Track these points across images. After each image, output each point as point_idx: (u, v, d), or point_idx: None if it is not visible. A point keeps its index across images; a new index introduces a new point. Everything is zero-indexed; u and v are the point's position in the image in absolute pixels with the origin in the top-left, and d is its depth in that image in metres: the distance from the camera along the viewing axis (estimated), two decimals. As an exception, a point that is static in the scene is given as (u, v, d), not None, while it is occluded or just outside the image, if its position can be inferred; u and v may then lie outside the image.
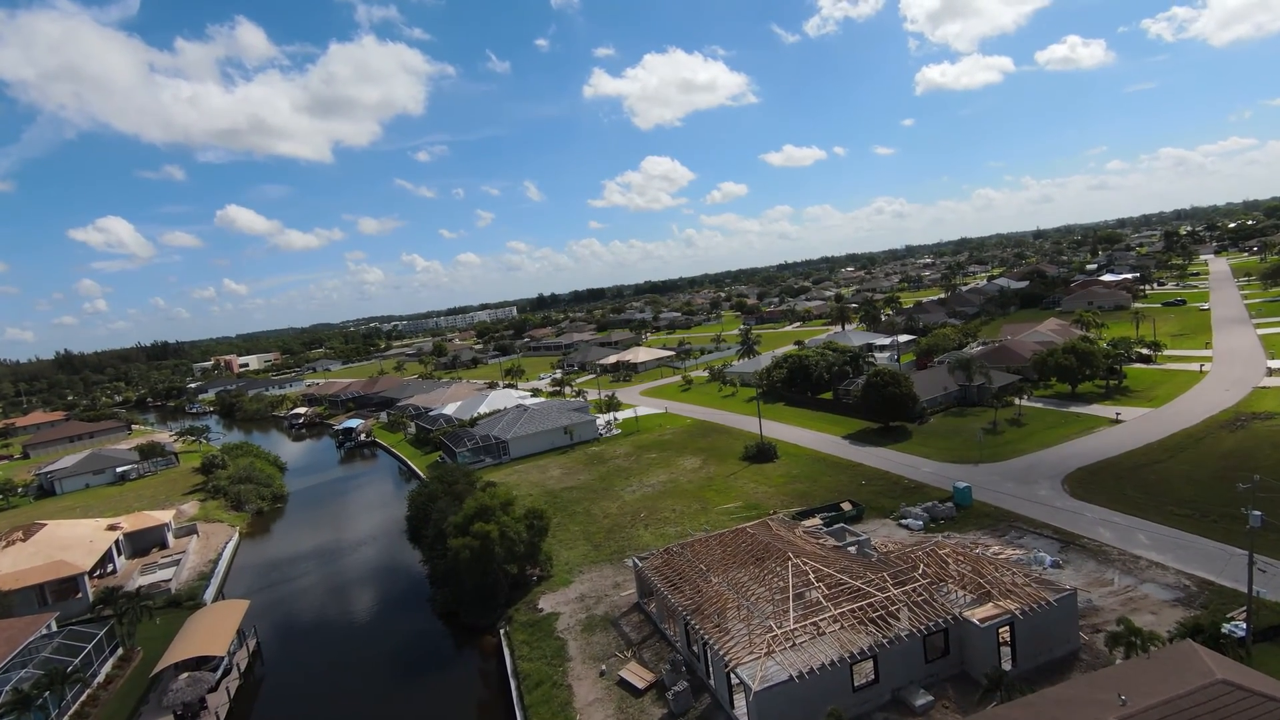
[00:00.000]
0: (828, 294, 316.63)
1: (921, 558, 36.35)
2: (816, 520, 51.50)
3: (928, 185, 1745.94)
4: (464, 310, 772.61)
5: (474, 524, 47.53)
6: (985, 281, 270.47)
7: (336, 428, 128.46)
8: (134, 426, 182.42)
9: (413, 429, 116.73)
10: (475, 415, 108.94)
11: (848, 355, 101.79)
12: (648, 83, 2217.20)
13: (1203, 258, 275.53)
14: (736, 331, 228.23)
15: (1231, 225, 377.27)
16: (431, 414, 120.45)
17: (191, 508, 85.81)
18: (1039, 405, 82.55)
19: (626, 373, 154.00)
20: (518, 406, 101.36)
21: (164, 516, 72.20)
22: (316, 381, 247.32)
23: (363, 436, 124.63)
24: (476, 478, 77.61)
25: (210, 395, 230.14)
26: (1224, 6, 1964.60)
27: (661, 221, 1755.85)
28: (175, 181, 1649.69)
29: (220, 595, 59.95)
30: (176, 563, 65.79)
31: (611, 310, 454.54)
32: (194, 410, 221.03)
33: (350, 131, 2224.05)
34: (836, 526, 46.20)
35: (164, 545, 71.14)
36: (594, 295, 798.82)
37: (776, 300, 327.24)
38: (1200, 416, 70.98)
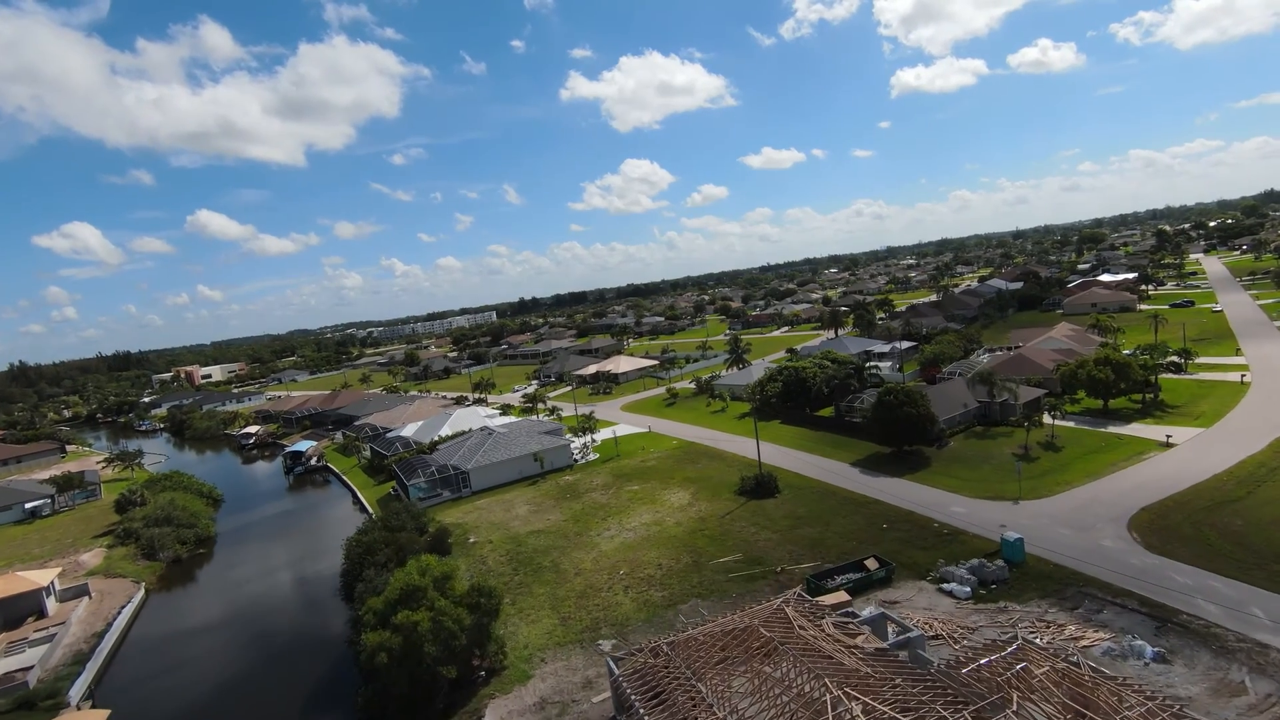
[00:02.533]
0: (814, 296, 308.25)
1: (1011, 682, 25.79)
2: (841, 595, 40.85)
3: (906, 187, 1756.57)
4: (443, 315, 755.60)
5: (398, 612, 36.22)
6: (976, 283, 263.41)
7: (285, 450, 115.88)
8: (70, 448, 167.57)
9: (368, 453, 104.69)
10: (436, 439, 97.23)
11: (849, 367, 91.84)
12: (625, 85, 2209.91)
13: (1193, 256, 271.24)
14: (723, 337, 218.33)
15: (1215, 224, 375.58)
16: (389, 436, 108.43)
17: (94, 557, 73.20)
18: (1070, 424, 72.91)
19: (607, 385, 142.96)
20: (483, 429, 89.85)
21: (42, 578, 59.68)
22: (279, 394, 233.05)
23: (313, 461, 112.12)
24: (428, 519, 66.47)
25: (163, 410, 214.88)
26: (1189, 11, 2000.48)
27: (642, 224, 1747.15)
28: (144, 186, 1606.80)
29: (92, 690, 47.79)
30: (52, 638, 53.55)
31: (593, 314, 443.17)
32: (143, 428, 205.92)
33: (323, 134, 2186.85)
34: (876, 613, 35.56)
35: (42, 613, 58.71)
36: (576, 299, 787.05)
37: (762, 304, 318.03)
38: (1264, 439, 61.66)
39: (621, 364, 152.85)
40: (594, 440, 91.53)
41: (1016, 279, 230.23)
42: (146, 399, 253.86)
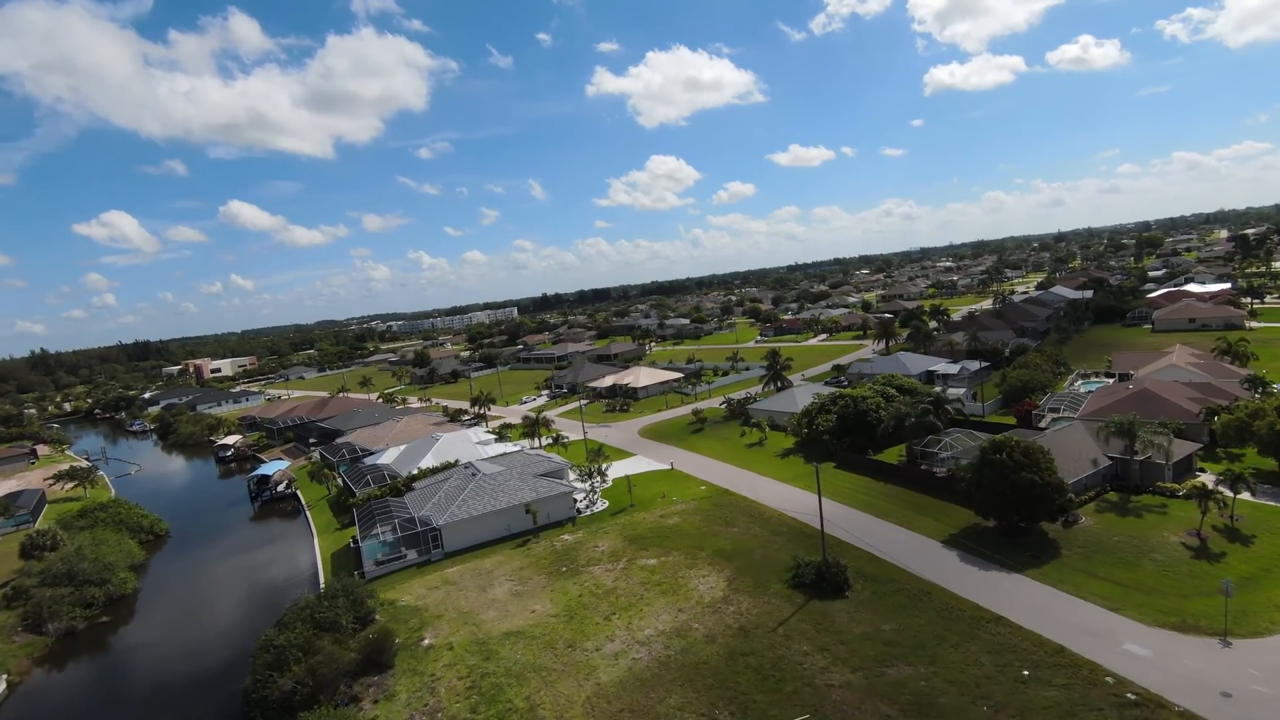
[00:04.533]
0: (851, 300, 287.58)
1: None
2: None
3: (937, 187, 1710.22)
4: (465, 310, 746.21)
5: None
6: (1032, 289, 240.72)
7: (251, 474, 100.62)
8: (44, 451, 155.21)
9: (340, 481, 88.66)
10: (414, 471, 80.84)
11: (924, 400, 73.08)
12: (651, 81, 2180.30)
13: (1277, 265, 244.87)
14: (754, 344, 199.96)
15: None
16: (365, 463, 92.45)
17: (-36, 628, 57.92)
18: (1248, 497, 53.44)
19: (624, 401, 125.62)
20: (467, 467, 73.05)
21: None
22: (279, 394, 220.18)
23: (280, 487, 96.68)
24: (374, 603, 49.81)
25: (158, 409, 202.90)
26: (1241, 7, 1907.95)
27: (668, 221, 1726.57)
28: (178, 176, 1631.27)
29: None
30: None
31: (615, 313, 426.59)
32: (134, 428, 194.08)
33: (351, 127, 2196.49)
34: None
35: None
36: (599, 296, 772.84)
37: (794, 306, 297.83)
38: None
39: (642, 376, 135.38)
40: (603, 482, 74.19)
41: (1082, 286, 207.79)
42: (148, 395, 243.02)
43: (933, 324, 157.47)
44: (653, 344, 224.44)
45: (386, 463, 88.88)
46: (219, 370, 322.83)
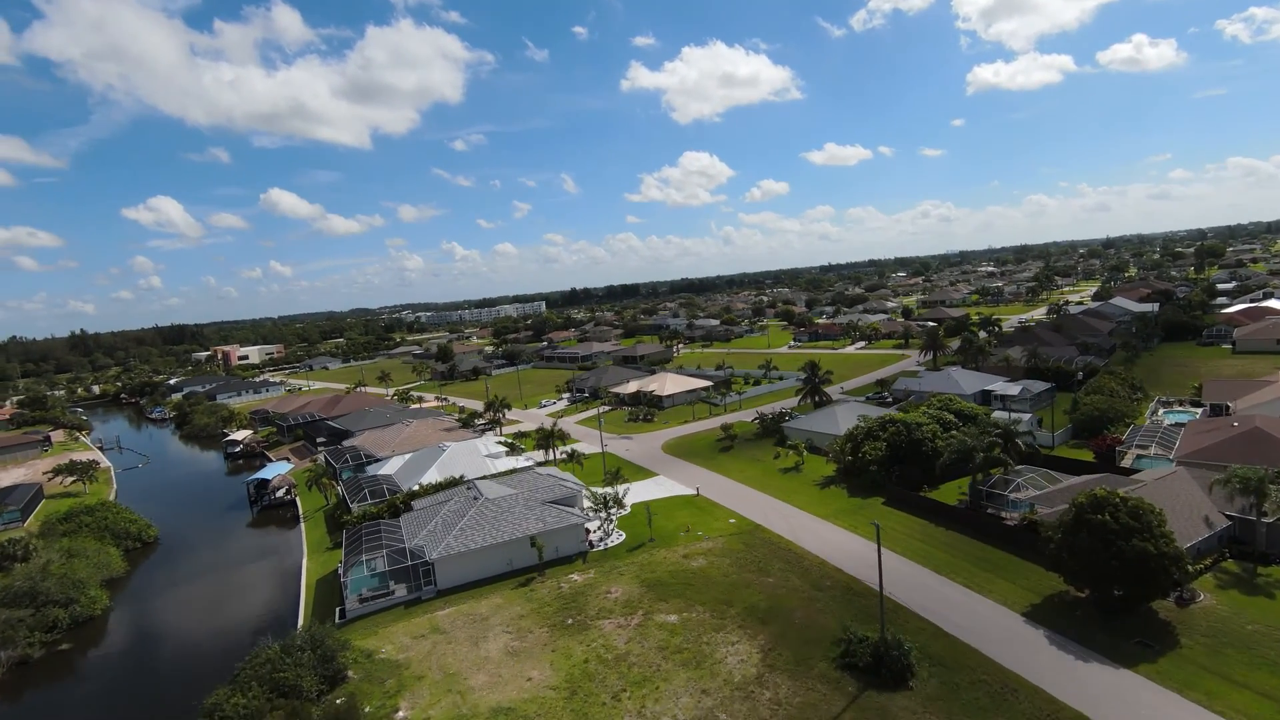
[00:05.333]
0: (890, 305, 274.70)
1: None
2: None
3: (977, 189, 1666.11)
4: (493, 303, 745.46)
5: None
6: (1089, 300, 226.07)
7: (250, 479, 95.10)
8: (59, 439, 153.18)
9: (340, 489, 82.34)
10: (416, 487, 73.95)
11: (994, 430, 63.43)
12: (687, 76, 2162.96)
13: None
14: (787, 349, 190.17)
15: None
16: (366, 473, 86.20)
17: (-93, 654, 52.49)
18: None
19: (649, 410, 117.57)
20: (469, 488, 65.81)
21: None
22: (300, 385, 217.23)
23: (280, 493, 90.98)
24: (346, 659, 42.79)
25: (179, 396, 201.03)
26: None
27: (699, 218, 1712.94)
28: (221, 164, 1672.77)
29: None
30: None
31: (643, 310, 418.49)
32: (155, 415, 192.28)
33: (388, 118, 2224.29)
34: None
35: None
36: (628, 292, 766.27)
37: (830, 310, 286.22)
38: None
39: (668, 383, 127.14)
40: (621, 509, 66.27)
41: (1145, 298, 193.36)
42: (173, 381, 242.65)
43: (982, 335, 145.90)
44: (680, 346, 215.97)
45: (388, 474, 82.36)
46: (246, 357, 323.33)
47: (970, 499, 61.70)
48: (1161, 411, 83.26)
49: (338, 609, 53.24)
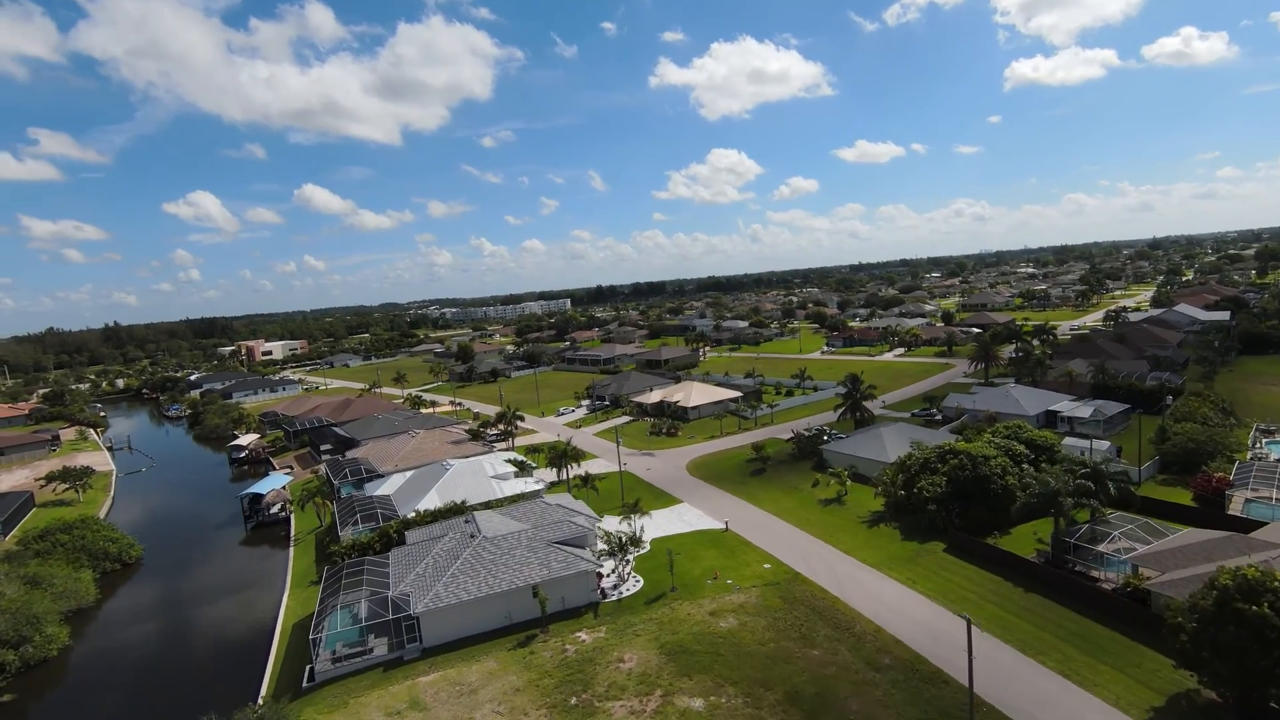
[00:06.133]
0: (927, 308, 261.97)
1: None
2: None
3: (1013, 187, 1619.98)
4: (519, 299, 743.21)
5: None
6: (1148, 306, 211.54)
7: (243, 492, 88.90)
8: (69, 437, 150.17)
9: (333, 510, 75.33)
10: (410, 515, 66.55)
11: (1080, 468, 53.61)
12: (716, 72, 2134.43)
13: None
14: (820, 355, 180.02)
15: None
16: (366, 489, 79.50)
17: None
18: None
19: (672, 423, 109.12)
20: (468, 522, 58.09)
21: None
22: (317, 383, 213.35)
23: (274, 510, 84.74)
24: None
25: (195, 395, 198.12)
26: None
27: (727, 216, 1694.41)
28: (257, 160, 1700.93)
29: None
30: None
31: (669, 310, 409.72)
32: (172, 413, 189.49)
33: (418, 115, 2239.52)
34: None
35: None
36: (654, 289, 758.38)
37: (864, 312, 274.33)
38: None
39: (694, 393, 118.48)
40: (638, 547, 57.96)
41: (1212, 306, 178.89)
42: (193, 377, 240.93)
43: (1039, 348, 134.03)
44: (707, 349, 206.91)
45: (385, 494, 75.29)
46: (270, 353, 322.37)
47: (1052, 551, 52.11)
48: (1264, 442, 72.23)
49: (308, 667, 45.91)
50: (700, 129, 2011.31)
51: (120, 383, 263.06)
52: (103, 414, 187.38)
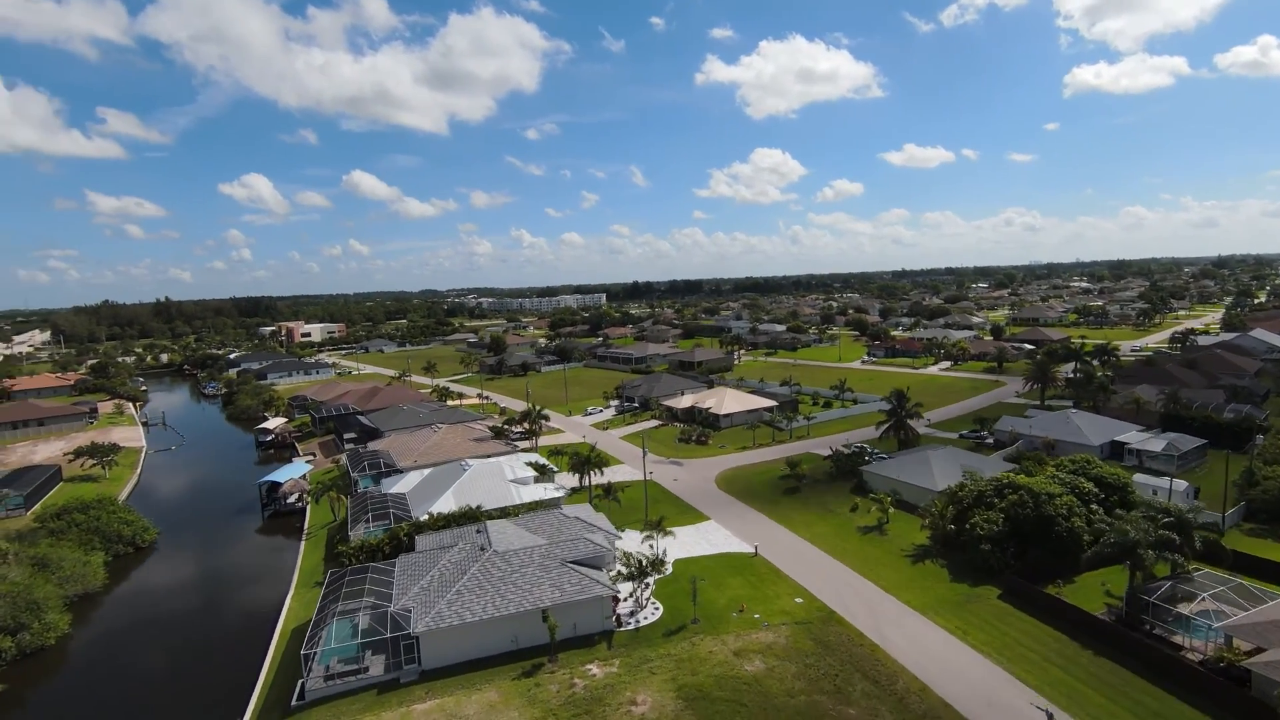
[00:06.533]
0: (975, 320, 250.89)
1: None
2: None
3: (1068, 198, 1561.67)
4: (555, 292, 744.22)
5: None
6: (1218, 329, 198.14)
7: (261, 480, 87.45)
8: (107, 410, 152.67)
9: (348, 505, 73.01)
10: (423, 517, 63.46)
11: (1164, 516, 47.45)
12: (763, 70, 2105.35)
13: None
14: (860, 365, 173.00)
15: None
16: (384, 485, 76.92)
17: None
18: None
19: (703, 430, 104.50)
20: (478, 533, 54.72)
21: None
22: (351, 368, 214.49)
23: (291, 499, 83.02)
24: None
25: (232, 373, 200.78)
26: None
27: (768, 216, 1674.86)
28: (309, 145, 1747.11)
29: None
30: None
31: (704, 309, 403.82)
32: (209, 390, 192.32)
33: (466, 106, 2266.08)
34: None
35: None
36: (690, 288, 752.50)
37: (907, 321, 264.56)
38: None
39: (726, 400, 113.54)
40: (661, 568, 53.68)
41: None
42: (233, 355, 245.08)
43: (1101, 370, 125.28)
44: (742, 353, 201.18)
45: (400, 492, 72.55)
46: (308, 335, 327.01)
47: (1126, 609, 46.13)
48: (1369, 493, 64.17)
49: (299, 683, 42.95)
50: (745, 127, 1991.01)
51: (164, 357, 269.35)
52: (144, 388, 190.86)
